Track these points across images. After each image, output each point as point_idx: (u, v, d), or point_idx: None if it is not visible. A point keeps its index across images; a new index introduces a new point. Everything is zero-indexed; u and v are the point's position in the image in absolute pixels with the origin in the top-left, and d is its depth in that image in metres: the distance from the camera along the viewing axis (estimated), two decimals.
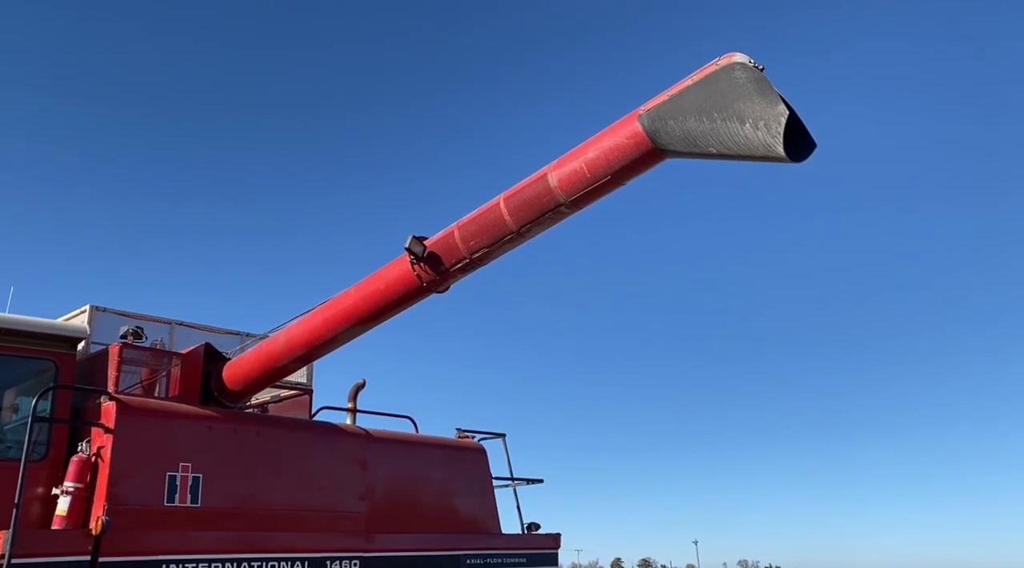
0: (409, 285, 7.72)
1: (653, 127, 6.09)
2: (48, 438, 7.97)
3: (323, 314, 8.21)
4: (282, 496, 8.69)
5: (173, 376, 8.74)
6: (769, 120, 5.38)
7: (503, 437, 12.14)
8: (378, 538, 9.37)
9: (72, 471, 7.45)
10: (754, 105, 5.47)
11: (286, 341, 8.40)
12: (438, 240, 7.51)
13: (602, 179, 6.50)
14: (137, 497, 7.58)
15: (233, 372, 8.78)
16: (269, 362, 8.52)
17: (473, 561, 10.39)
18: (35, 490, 7.68)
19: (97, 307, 9.51)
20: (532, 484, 12.37)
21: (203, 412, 8.53)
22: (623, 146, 6.30)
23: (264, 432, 8.85)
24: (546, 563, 11.50)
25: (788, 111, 5.37)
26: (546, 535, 11.79)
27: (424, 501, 10.35)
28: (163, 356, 8.92)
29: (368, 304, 7.95)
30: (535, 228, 7.08)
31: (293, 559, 8.43)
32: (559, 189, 6.72)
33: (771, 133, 5.36)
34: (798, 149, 5.53)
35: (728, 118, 5.60)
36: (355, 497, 9.41)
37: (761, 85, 5.53)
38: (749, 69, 5.65)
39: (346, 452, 9.57)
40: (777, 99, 5.43)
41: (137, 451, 7.72)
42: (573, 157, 6.65)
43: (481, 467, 11.39)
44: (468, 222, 7.33)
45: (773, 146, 5.37)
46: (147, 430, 7.90)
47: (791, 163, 5.45)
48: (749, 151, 5.55)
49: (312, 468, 9.10)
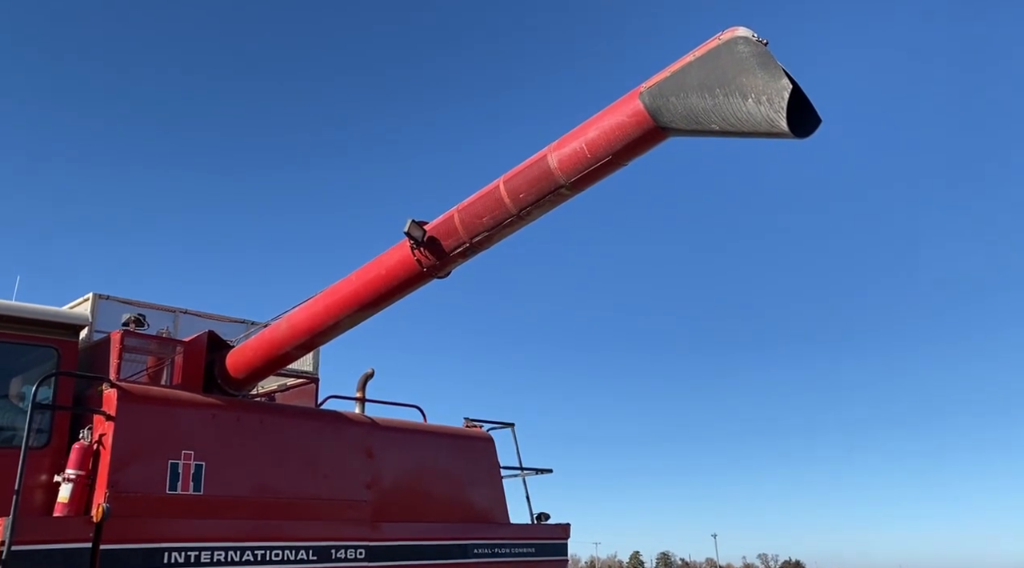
0: (410, 270, 7.62)
1: (655, 105, 5.93)
2: (50, 425, 7.95)
3: (325, 300, 8.13)
4: (287, 484, 8.62)
5: (176, 364, 8.69)
6: (772, 94, 5.21)
7: (512, 427, 12.05)
8: (384, 527, 9.29)
9: (74, 458, 7.42)
10: (757, 79, 5.30)
11: (288, 328, 8.33)
12: (438, 224, 7.40)
13: (603, 159, 6.35)
14: (139, 484, 7.54)
15: (236, 360, 8.72)
16: (272, 349, 8.46)
17: (481, 550, 10.29)
18: (37, 477, 7.66)
19: (100, 295, 9.50)
20: (541, 474, 12.26)
21: (206, 400, 8.48)
22: (624, 125, 6.15)
23: (268, 420, 8.79)
24: (555, 553, 11.37)
25: (792, 85, 5.20)
26: (555, 525, 11.66)
27: (432, 490, 10.26)
28: (166, 344, 8.88)
29: (369, 290, 7.85)
30: (535, 211, 6.94)
31: (298, 548, 8.36)
32: (559, 170, 6.57)
33: (774, 108, 5.20)
34: (802, 124, 5.36)
35: (730, 93, 5.43)
36: (361, 486, 9.34)
37: (764, 59, 5.36)
38: (752, 43, 5.47)
39: (352, 441, 9.50)
40: (780, 73, 5.25)
41: (139, 438, 7.69)
42: (573, 137, 6.50)
43: (489, 456, 11.28)
44: (468, 206, 7.21)
45: (776, 121, 5.20)
46: (149, 417, 7.87)
47: (795, 139, 5.27)
48: (752, 127, 5.38)
49: (317, 456, 9.03)
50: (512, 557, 10.68)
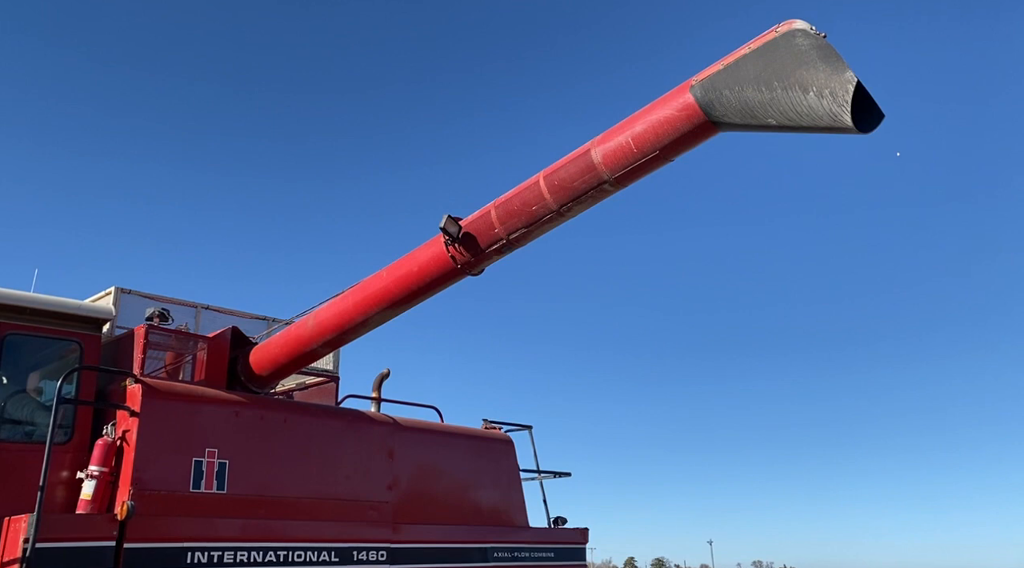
0: (443, 267, 7.46)
1: (707, 98, 5.78)
2: (73, 421, 7.79)
3: (354, 297, 7.97)
4: (309, 484, 8.47)
5: (199, 360, 8.53)
6: (836, 88, 5.07)
7: (530, 429, 11.90)
8: (405, 529, 9.14)
9: (97, 455, 7.28)
10: (818, 73, 5.16)
11: (315, 325, 8.17)
12: (474, 220, 7.24)
13: (650, 154, 6.19)
14: (163, 482, 7.39)
15: (260, 356, 8.56)
16: (298, 346, 8.29)
17: (501, 554, 10.14)
18: (59, 474, 7.52)
19: (122, 289, 9.32)
20: (560, 477, 12.12)
21: (230, 397, 8.32)
22: (673, 119, 6.00)
23: (292, 419, 8.64)
24: (574, 558, 11.23)
25: (856, 79, 5.07)
26: (574, 529, 11.51)
27: (452, 492, 10.11)
28: (189, 339, 8.71)
29: (400, 286, 7.70)
30: (576, 207, 6.79)
31: (320, 549, 8.22)
32: (603, 165, 6.42)
33: (838, 102, 5.05)
34: (865, 119, 5.22)
35: (790, 87, 5.29)
36: (383, 487, 9.18)
37: (825, 52, 5.22)
38: (811, 36, 5.33)
39: (374, 441, 9.35)
40: (844, 66, 5.11)
41: (163, 435, 7.53)
42: (619, 131, 6.35)
43: (509, 459, 11.13)
44: (506, 201, 7.06)
45: (840, 116, 5.06)
46: (173, 414, 7.71)
47: (858, 134, 5.14)
48: (813, 122, 5.24)
49: (340, 457, 8.87)
50: (531, 561, 10.53)
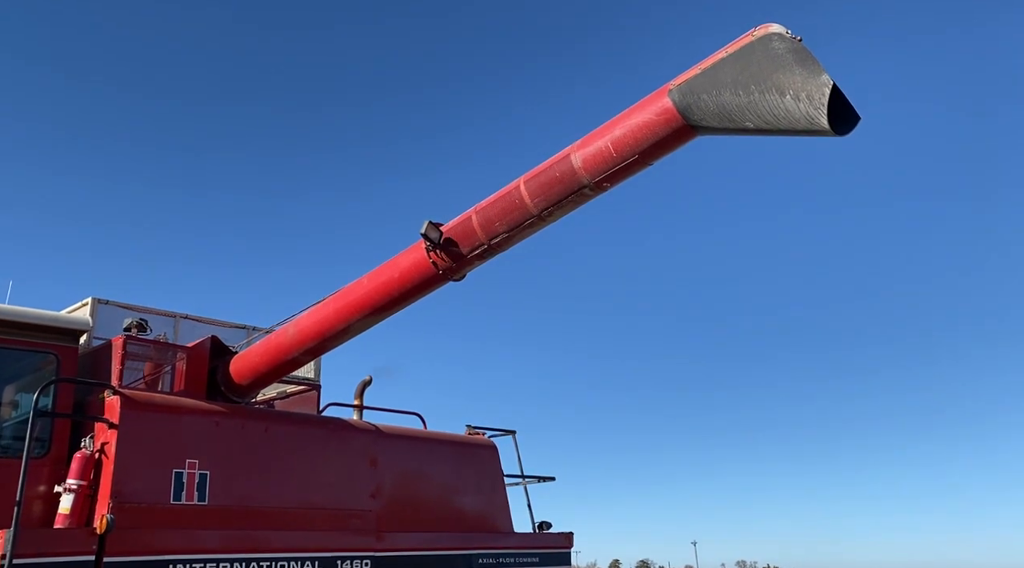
0: (424, 273, 7.46)
1: (684, 102, 5.83)
2: (50, 434, 7.68)
3: (335, 304, 7.94)
4: (292, 494, 8.41)
5: (179, 370, 8.45)
6: (812, 91, 5.13)
7: (513, 434, 11.89)
8: (389, 537, 9.09)
9: (75, 468, 7.19)
10: (795, 76, 5.23)
11: (296, 333, 8.12)
12: (455, 225, 7.25)
13: (629, 158, 6.24)
14: (143, 495, 7.30)
15: (241, 366, 8.50)
16: (279, 355, 8.24)
17: (486, 560, 10.12)
18: (37, 488, 7.41)
19: (99, 300, 9.23)
20: (544, 482, 12.11)
21: (210, 407, 8.24)
22: (652, 123, 6.04)
23: (273, 428, 8.58)
24: (559, 563, 11.23)
25: (832, 82, 5.13)
26: (559, 534, 11.51)
27: (435, 499, 10.07)
28: (168, 349, 8.63)
29: (381, 293, 7.68)
30: (557, 211, 6.82)
31: (303, 558, 8.15)
32: (583, 170, 6.46)
33: (814, 105, 5.12)
34: (841, 122, 5.28)
35: (767, 90, 5.35)
36: (366, 495, 9.13)
37: (801, 55, 5.28)
38: (787, 40, 5.40)
39: (357, 449, 9.30)
40: (820, 69, 5.18)
41: (142, 447, 7.45)
42: (598, 136, 6.39)
43: (493, 464, 11.11)
44: (487, 206, 7.07)
45: (816, 118, 5.12)
46: (153, 426, 7.63)
47: (835, 136, 5.20)
48: (790, 125, 5.30)
49: (322, 465, 8.82)
50: (516, 567, 10.51)
